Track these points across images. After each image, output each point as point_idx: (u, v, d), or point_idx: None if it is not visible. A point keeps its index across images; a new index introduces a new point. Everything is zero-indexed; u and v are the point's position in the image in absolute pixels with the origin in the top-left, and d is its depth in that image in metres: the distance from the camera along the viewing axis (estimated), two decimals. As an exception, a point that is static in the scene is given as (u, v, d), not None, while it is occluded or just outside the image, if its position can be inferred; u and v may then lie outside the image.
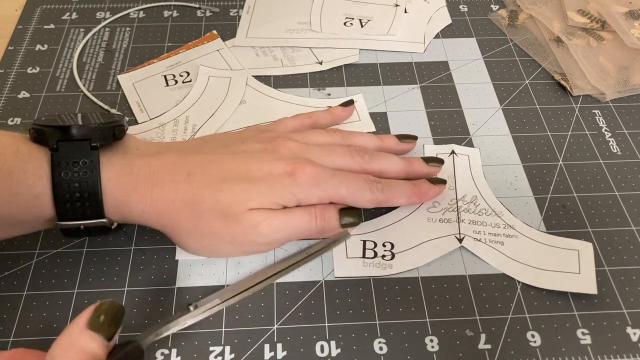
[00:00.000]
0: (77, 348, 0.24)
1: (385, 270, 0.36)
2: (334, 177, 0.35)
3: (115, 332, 0.26)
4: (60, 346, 0.24)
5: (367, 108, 0.46)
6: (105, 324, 0.25)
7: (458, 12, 0.55)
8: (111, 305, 0.26)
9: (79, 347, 0.24)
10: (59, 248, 0.37)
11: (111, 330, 0.25)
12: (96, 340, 0.25)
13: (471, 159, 0.42)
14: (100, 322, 0.25)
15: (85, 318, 0.25)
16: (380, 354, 0.33)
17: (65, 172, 0.31)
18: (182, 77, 0.48)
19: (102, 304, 0.26)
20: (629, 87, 0.47)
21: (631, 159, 0.43)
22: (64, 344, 0.24)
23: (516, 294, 0.35)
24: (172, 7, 0.55)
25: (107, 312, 0.26)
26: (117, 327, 0.26)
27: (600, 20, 0.52)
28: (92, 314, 0.25)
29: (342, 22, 0.53)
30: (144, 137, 0.43)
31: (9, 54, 0.50)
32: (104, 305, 0.26)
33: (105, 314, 0.25)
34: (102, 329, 0.25)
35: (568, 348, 0.33)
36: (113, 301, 0.26)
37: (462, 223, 0.38)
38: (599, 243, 0.38)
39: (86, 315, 0.25)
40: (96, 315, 0.25)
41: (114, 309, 0.26)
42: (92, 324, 0.25)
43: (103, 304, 0.26)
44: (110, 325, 0.25)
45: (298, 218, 0.34)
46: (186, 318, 0.32)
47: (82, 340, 0.24)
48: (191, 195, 0.33)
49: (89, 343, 0.24)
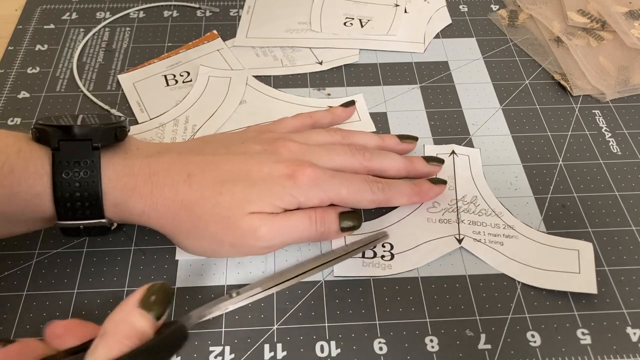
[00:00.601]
0: (128, 324, 0.25)
1: (385, 270, 0.36)
2: (334, 178, 0.35)
3: (163, 312, 0.27)
4: (112, 321, 0.26)
5: (367, 108, 0.46)
6: (156, 304, 0.26)
7: (458, 12, 0.55)
8: (162, 287, 0.27)
9: (129, 324, 0.25)
10: (59, 248, 0.37)
11: (160, 310, 0.26)
12: (146, 318, 0.26)
13: (471, 159, 0.42)
14: (151, 302, 0.26)
15: (137, 297, 0.26)
16: (380, 354, 0.33)
17: (66, 171, 0.31)
18: (182, 77, 0.48)
19: (154, 285, 0.27)
20: (629, 87, 0.47)
21: (631, 159, 0.43)
22: (117, 320, 0.26)
23: (516, 294, 0.35)
24: (172, 7, 0.55)
25: (158, 292, 0.27)
26: (166, 307, 0.27)
27: (600, 20, 0.52)
28: (144, 294, 0.26)
29: (342, 22, 0.53)
30: (144, 137, 0.43)
31: (9, 54, 0.50)
32: (155, 286, 0.27)
33: (156, 295, 0.27)
34: (152, 308, 0.26)
35: (568, 348, 0.33)
36: (164, 283, 0.27)
37: (462, 223, 0.38)
38: (599, 243, 0.38)
39: (139, 294, 0.26)
40: (148, 295, 0.26)
41: (165, 291, 0.27)
42: (143, 303, 0.26)
43: (155, 285, 0.27)
44: (160, 305, 0.26)
45: (298, 222, 0.34)
46: (227, 304, 0.34)
47: (133, 317, 0.25)
48: (191, 197, 0.33)
49: (139, 320, 0.25)
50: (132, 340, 0.25)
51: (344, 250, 0.36)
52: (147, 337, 0.25)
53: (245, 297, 0.34)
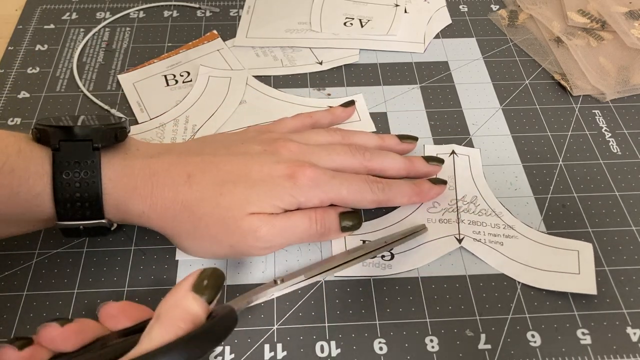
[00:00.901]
0: (182, 308, 0.26)
1: (385, 270, 0.36)
2: (334, 178, 0.35)
3: (215, 296, 0.27)
4: (166, 305, 0.26)
5: (367, 108, 0.46)
6: (208, 288, 0.27)
7: (458, 12, 0.55)
8: (214, 272, 0.27)
9: (183, 307, 0.26)
10: (59, 248, 0.37)
11: (212, 294, 0.27)
12: (199, 301, 0.26)
13: (471, 159, 0.42)
14: (204, 286, 0.27)
15: (190, 281, 0.27)
16: (380, 354, 0.33)
17: (66, 172, 0.31)
18: (182, 77, 0.48)
19: (206, 270, 0.28)
20: (629, 87, 0.47)
21: (631, 159, 0.43)
22: (170, 304, 0.26)
23: (516, 294, 0.35)
24: (172, 7, 0.55)
25: (210, 277, 0.27)
26: (218, 292, 0.27)
27: (600, 20, 0.52)
28: (196, 278, 0.27)
29: (342, 22, 0.53)
30: (144, 137, 0.43)
31: (9, 54, 0.50)
32: (207, 271, 0.27)
33: (208, 279, 0.27)
34: (205, 292, 0.26)
35: (568, 348, 0.33)
36: (216, 268, 0.28)
37: (462, 223, 0.38)
38: (599, 243, 0.38)
39: (191, 279, 0.27)
40: (200, 279, 0.27)
41: (216, 275, 0.27)
42: (196, 287, 0.26)
43: (207, 270, 0.27)
44: (212, 289, 0.27)
45: (298, 223, 0.34)
46: (273, 290, 0.34)
47: (187, 301, 0.26)
48: (191, 198, 0.33)
49: (192, 304, 0.26)
50: (186, 323, 0.25)
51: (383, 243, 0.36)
52: (200, 320, 0.26)
53: (290, 284, 0.34)
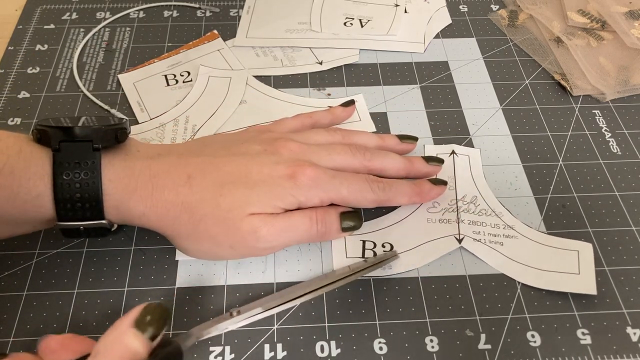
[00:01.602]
0: (122, 345, 0.25)
1: (385, 270, 0.36)
2: (334, 178, 0.35)
3: (159, 333, 0.26)
4: (106, 341, 0.25)
5: (367, 108, 0.46)
6: (151, 324, 0.26)
7: (458, 12, 0.55)
8: (158, 307, 0.27)
9: (123, 345, 0.25)
10: (59, 248, 0.37)
11: (156, 331, 0.26)
12: (139, 339, 0.25)
13: (471, 159, 0.42)
14: (146, 322, 0.26)
15: (132, 317, 0.26)
16: (380, 354, 0.33)
17: (66, 172, 0.31)
18: (182, 76, 0.48)
19: (150, 305, 0.26)
20: (629, 87, 0.47)
21: (631, 159, 0.43)
22: (110, 340, 0.25)
23: (516, 294, 0.35)
24: (172, 7, 0.55)
25: (153, 313, 0.26)
26: (162, 328, 0.26)
27: (600, 20, 0.52)
28: (139, 314, 0.26)
29: (342, 22, 0.53)
30: (144, 137, 0.43)
31: (9, 54, 0.50)
32: (151, 306, 0.26)
33: (151, 315, 0.26)
34: (147, 328, 0.26)
35: (568, 348, 0.33)
36: (161, 303, 0.27)
37: (462, 223, 0.38)
38: (599, 243, 0.38)
39: (133, 314, 0.26)
40: (143, 314, 0.26)
41: (161, 311, 0.26)
42: (138, 323, 0.26)
43: (150, 305, 0.26)
44: (156, 326, 0.26)
45: (298, 223, 0.34)
46: (227, 323, 0.32)
47: (127, 337, 0.25)
48: (191, 199, 0.33)
49: (133, 341, 0.25)
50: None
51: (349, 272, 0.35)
52: (140, 358, 0.25)
53: (246, 316, 0.33)
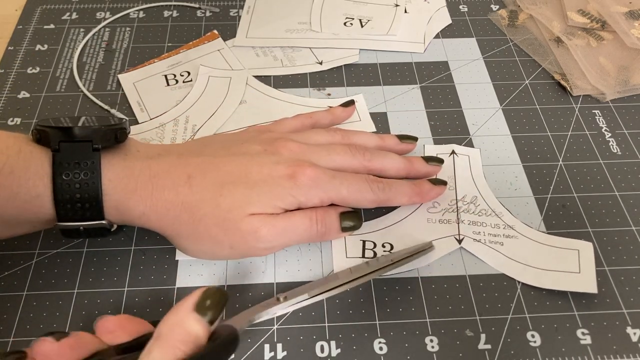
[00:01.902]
0: (183, 328, 0.25)
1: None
2: (334, 178, 0.35)
3: (217, 316, 0.26)
4: (168, 324, 0.25)
5: (367, 108, 0.46)
6: (211, 309, 0.26)
7: (458, 12, 0.55)
8: (217, 292, 0.27)
9: (185, 328, 0.25)
10: (59, 248, 0.37)
11: (215, 314, 0.26)
12: (200, 322, 0.25)
13: (471, 159, 0.42)
14: (207, 306, 0.26)
15: (193, 301, 0.26)
16: (380, 354, 0.33)
17: (66, 172, 0.31)
18: (182, 76, 0.48)
19: (209, 289, 0.27)
20: (629, 87, 0.47)
21: (631, 159, 0.43)
22: (172, 323, 0.25)
23: (516, 294, 0.35)
24: (172, 7, 0.55)
25: (213, 297, 0.26)
26: (221, 312, 0.26)
27: (600, 20, 0.52)
28: (199, 298, 0.26)
29: (342, 22, 0.53)
30: (144, 137, 0.43)
31: (9, 54, 0.50)
32: (210, 290, 0.27)
33: (211, 299, 0.26)
34: (207, 312, 0.26)
35: (568, 348, 0.33)
36: (220, 288, 0.27)
37: (462, 224, 0.38)
38: (599, 243, 0.38)
39: (194, 298, 0.26)
40: (203, 299, 0.26)
41: (220, 295, 0.27)
42: (198, 307, 0.26)
43: (210, 289, 0.27)
44: (215, 310, 0.26)
45: (298, 223, 0.34)
46: (276, 309, 0.32)
47: (188, 321, 0.25)
48: (191, 199, 0.33)
49: (194, 325, 0.25)
50: (187, 345, 0.24)
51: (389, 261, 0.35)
52: (201, 341, 0.25)
53: (293, 302, 0.33)
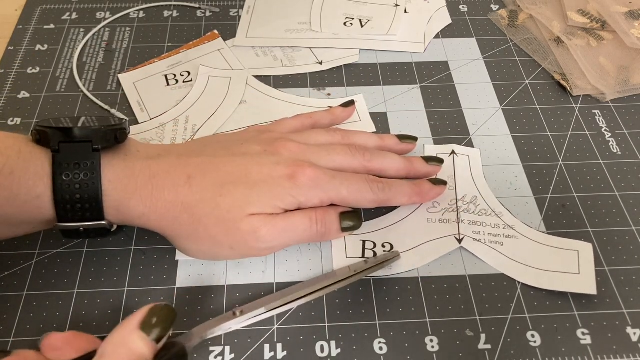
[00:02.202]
0: (127, 347, 0.25)
1: (385, 270, 0.36)
2: (334, 178, 0.35)
3: (165, 334, 0.26)
4: (111, 343, 0.25)
5: (367, 108, 0.46)
6: (157, 326, 0.26)
7: (458, 12, 0.55)
8: (164, 308, 0.26)
9: (128, 347, 0.25)
10: (59, 248, 0.37)
11: (161, 332, 0.26)
12: (145, 341, 0.25)
13: (471, 159, 0.42)
14: (153, 324, 0.26)
15: (138, 319, 0.26)
16: (380, 354, 0.33)
17: (66, 173, 0.31)
18: (182, 76, 0.48)
19: (157, 306, 0.26)
20: (629, 87, 0.47)
21: (631, 159, 0.43)
22: (115, 342, 0.25)
23: (516, 294, 0.35)
24: (172, 7, 0.55)
25: (159, 314, 0.26)
26: (168, 329, 0.26)
27: (600, 20, 0.52)
28: (145, 315, 0.26)
29: (342, 22, 0.53)
30: (144, 137, 0.43)
31: (9, 54, 0.50)
32: (157, 307, 0.26)
33: (157, 317, 0.26)
34: (153, 330, 0.25)
35: (568, 348, 0.33)
36: (167, 305, 0.27)
37: (462, 223, 0.38)
38: (599, 243, 0.38)
39: (139, 315, 0.26)
40: (149, 316, 0.26)
41: (167, 313, 0.26)
42: (144, 325, 0.25)
43: (157, 306, 0.26)
44: (162, 327, 0.26)
45: (298, 223, 0.34)
46: (231, 323, 0.32)
47: (133, 340, 0.25)
48: (191, 200, 0.33)
49: (138, 343, 0.25)
50: None
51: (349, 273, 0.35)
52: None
53: (249, 316, 0.32)
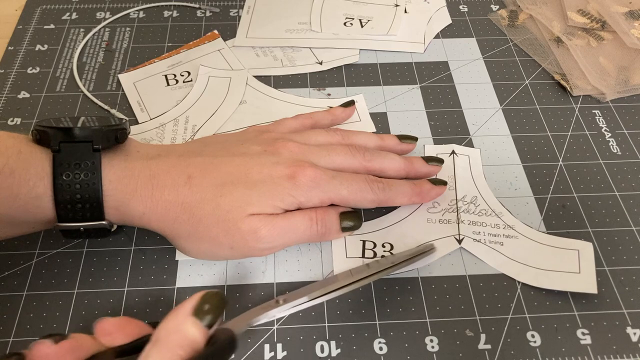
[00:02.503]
0: (181, 333, 0.25)
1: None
2: (334, 178, 0.35)
3: (216, 321, 0.26)
4: (165, 329, 0.25)
5: (367, 108, 0.46)
6: (209, 313, 0.26)
7: (458, 12, 0.55)
8: (216, 295, 0.27)
9: (182, 332, 0.25)
10: (59, 248, 0.37)
11: (213, 319, 0.26)
12: (198, 327, 0.25)
13: (471, 159, 0.42)
14: (205, 310, 0.26)
15: (191, 305, 0.26)
16: (380, 354, 0.33)
17: (66, 173, 0.31)
18: (182, 76, 0.48)
19: (208, 293, 0.27)
20: (629, 87, 0.47)
21: (631, 159, 0.43)
22: (169, 328, 0.25)
23: (516, 294, 0.35)
24: (172, 7, 0.55)
25: (211, 301, 0.26)
26: (219, 316, 0.26)
27: (600, 20, 0.52)
28: (198, 302, 0.26)
29: (342, 22, 0.53)
30: (144, 137, 0.43)
31: (9, 54, 0.50)
32: (209, 294, 0.26)
33: (209, 303, 0.26)
34: (206, 317, 0.26)
35: (568, 348, 0.33)
36: (219, 291, 0.27)
37: (462, 224, 0.38)
38: (599, 243, 0.38)
39: (192, 302, 0.26)
40: (201, 303, 0.26)
41: (218, 299, 0.26)
42: (197, 311, 0.26)
43: (209, 293, 0.27)
44: (213, 314, 0.26)
45: (298, 223, 0.34)
46: (275, 311, 0.32)
47: (186, 325, 0.25)
48: (191, 200, 0.33)
49: (192, 330, 0.25)
50: (184, 349, 0.24)
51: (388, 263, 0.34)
52: (199, 346, 0.25)
53: (293, 304, 0.32)
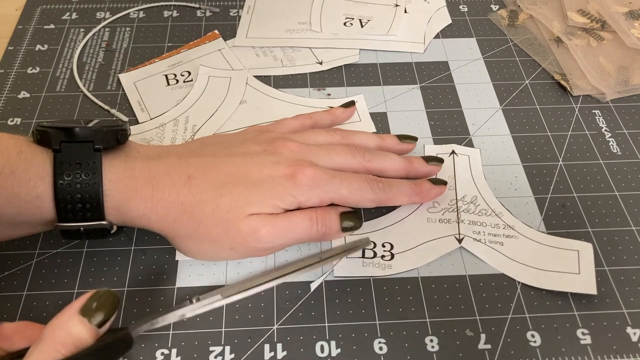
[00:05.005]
0: (65, 330, 0.26)
1: (385, 270, 0.36)
2: (334, 178, 0.35)
3: (106, 320, 0.27)
4: (51, 327, 0.26)
5: (367, 108, 0.46)
6: (98, 311, 0.26)
7: (458, 12, 0.55)
8: (106, 294, 0.27)
9: (66, 330, 0.26)
10: (59, 248, 0.37)
11: (101, 317, 0.26)
12: (85, 325, 0.26)
13: (471, 159, 0.42)
14: (92, 309, 0.26)
15: (79, 304, 0.27)
16: (380, 354, 0.33)
17: (67, 173, 0.31)
18: (183, 76, 0.48)
19: (98, 292, 0.27)
20: (629, 87, 0.47)
21: (631, 159, 0.43)
22: (55, 326, 0.26)
23: (516, 294, 0.35)
24: (172, 7, 0.55)
25: (100, 299, 0.27)
26: (109, 315, 0.27)
27: (600, 20, 0.52)
28: (86, 301, 0.27)
29: (342, 22, 0.53)
30: (144, 137, 0.43)
31: (9, 54, 0.50)
32: (99, 293, 0.27)
33: (98, 302, 0.27)
34: (94, 315, 0.26)
35: (568, 348, 0.33)
36: (109, 290, 0.27)
37: (462, 223, 0.38)
38: (599, 243, 0.38)
39: (81, 301, 0.27)
40: (90, 302, 0.27)
41: (109, 297, 0.27)
42: (84, 310, 0.26)
43: (99, 292, 0.27)
44: (102, 312, 0.27)
45: (298, 224, 0.34)
46: (184, 310, 0.31)
47: (72, 324, 0.26)
48: (191, 200, 0.33)
49: (77, 327, 0.26)
50: (66, 347, 0.25)
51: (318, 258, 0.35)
52: (84, 344, 0.25)
53: (203, 304, 0.31)
